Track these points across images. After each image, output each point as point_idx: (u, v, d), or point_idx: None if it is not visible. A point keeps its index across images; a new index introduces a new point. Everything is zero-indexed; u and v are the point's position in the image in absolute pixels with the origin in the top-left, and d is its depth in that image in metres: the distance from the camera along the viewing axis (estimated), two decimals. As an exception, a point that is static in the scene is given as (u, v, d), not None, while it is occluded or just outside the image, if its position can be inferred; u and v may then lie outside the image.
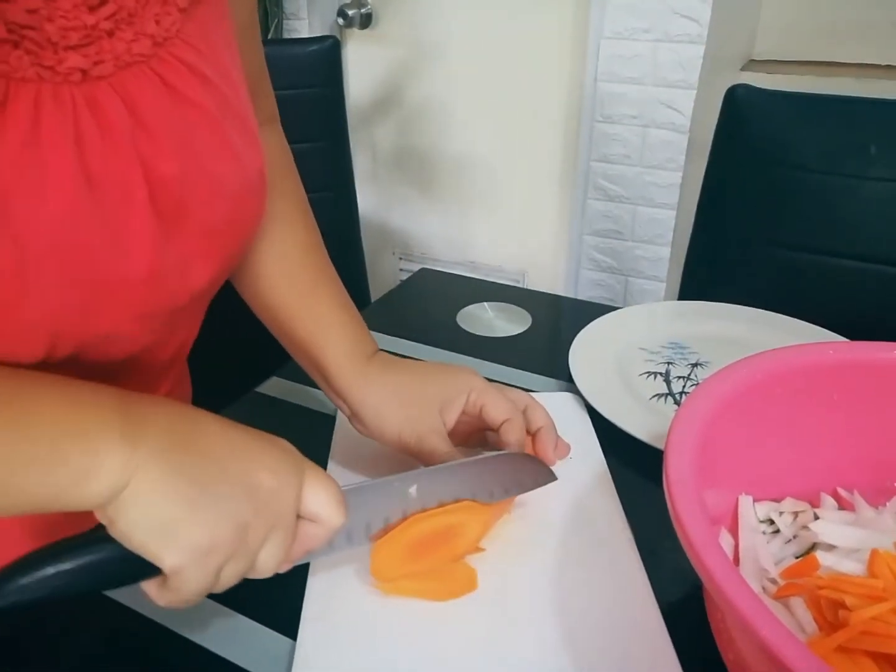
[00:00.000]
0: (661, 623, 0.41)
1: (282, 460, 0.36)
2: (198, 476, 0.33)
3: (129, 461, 0.31)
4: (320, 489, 0.37)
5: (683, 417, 0.40)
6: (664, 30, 1.38)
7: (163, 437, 0.33)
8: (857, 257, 0.90)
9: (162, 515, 0.32)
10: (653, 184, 1.52)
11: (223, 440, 0.35)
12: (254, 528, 0.34)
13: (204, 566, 0.33)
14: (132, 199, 0.37)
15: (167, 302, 0.42)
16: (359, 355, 0.52)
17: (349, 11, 1.65)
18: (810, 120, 0.90)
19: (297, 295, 0.53)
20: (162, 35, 0.37)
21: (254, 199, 0.45)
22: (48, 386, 0.33)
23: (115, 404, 0.33)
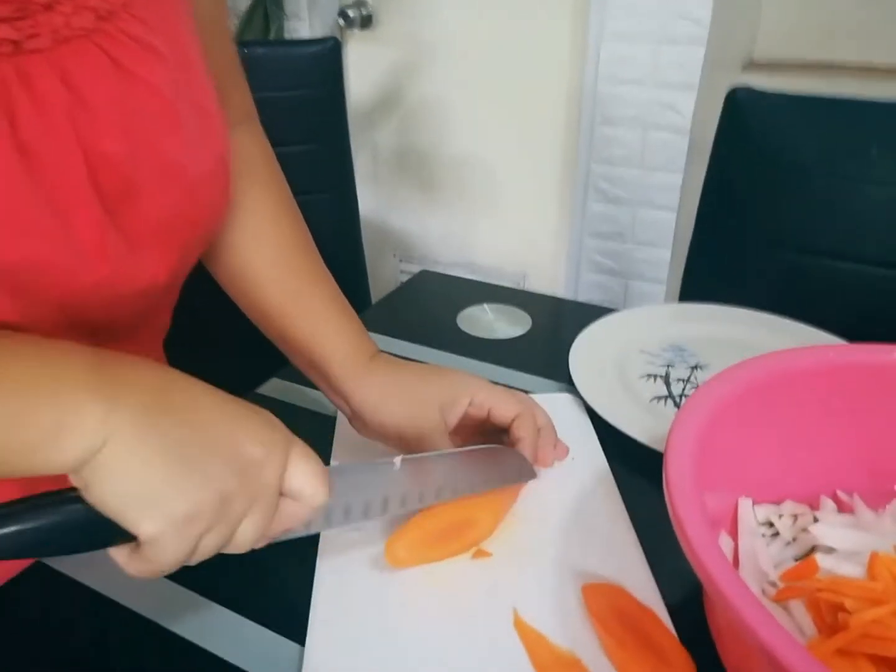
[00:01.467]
0: (668, 621, 0.41)
1: (269, 432, 0.35)
2: (180, 440, 0.31)
3: (105, 421, 0.30)
4: (305, 466, 0.36)
5: (683, 420, 0.40)
6: (665, 31, 1.38)
7: (143, 396, 0.31)
8: (858, 259, 0.90)
9: (140, 481, 0.30)
10: (653, 186, 1.52)
11: (209, 405, 0.34)
12: (236, 500, 0.32)
13: (182, 536, 0.31)
14: (71, 175, 0.36)
15: (121, 287, 0.41)
16: (360, 355, 0.52)
17: (350, 12, 1.65)
18: (811, 121, 0.90)
19: (290, 295, 0.52)
20: (106, 8, 0.36)
21: (212, 186, 0.44)
22: (20, 343, 0.32)
23: (90, 362, 0.31)
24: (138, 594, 0.44)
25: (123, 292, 0.42)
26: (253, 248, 0.51)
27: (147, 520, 0.30)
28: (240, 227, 0.51)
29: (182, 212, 0.42)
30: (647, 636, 0.40)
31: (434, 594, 0.44)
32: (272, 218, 0.53)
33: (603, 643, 0.40)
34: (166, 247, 0.43)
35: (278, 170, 0.55)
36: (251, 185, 0.51)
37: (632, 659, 0.39)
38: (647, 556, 0.46)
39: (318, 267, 0.54)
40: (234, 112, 0.51)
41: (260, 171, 0.53)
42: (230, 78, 0.52)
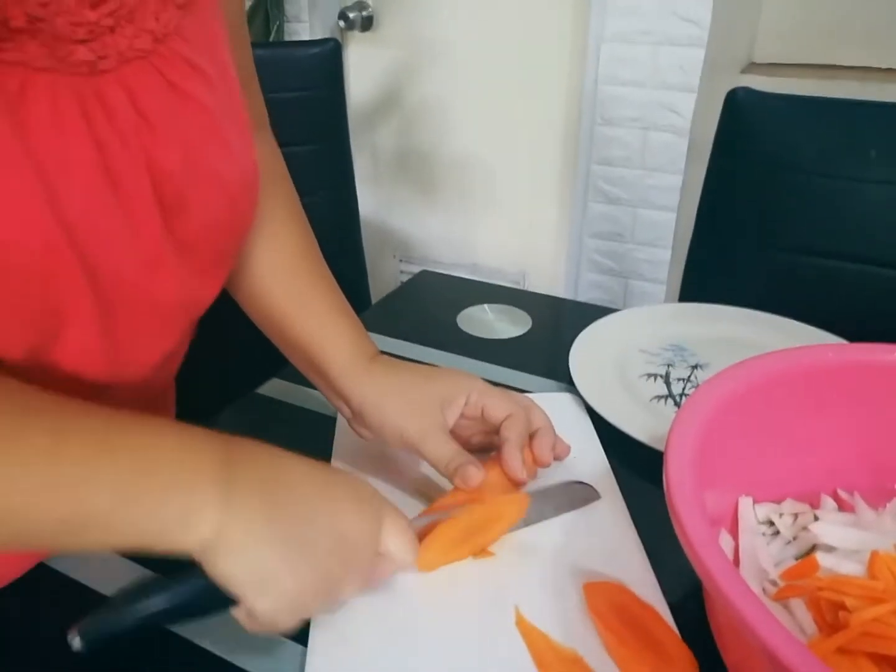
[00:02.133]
0: (670, 619, 0.41)
1: (364, 508, 0.39)
2: (289, 526, 0.35)
3: (229, 510, 0.33)
4: (396, 533, 0.39)
5: (683, 419, 0.40)
6: (665, 32, 1.38)
7: (258, 484, 0.35)
8: (858, 260, 0.90)
9: (258, 565, 0.34)
10: (653, 186, 1.53)
11: (312, 488, 0.37)
12: (338, 575, 0.37)
13: (292, 610, 0.36)
14: (140, 189, 0.38)
15: (181, 295, 0.43)
16: (360, 356, 0.52)
17: (350, 14, 1.65)
18: (811, 123, 0.90)
19: (293, 298, 0.53)
20: (161, 31, 0.38)
21: (249, 197, 0.46)
22: (145, 426, 0.34)
23: (211, 448, 0.35)
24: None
25: (177, 307, 0.44)
26: (258, 252, 0.53)
27: (261, 598, 0.34)
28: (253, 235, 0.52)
29: (224, 222, 0.44)
30: (648, 634, 0.40)
31: (436, 594, 0.44)
32: (280, 224, 0.54)
33: (605, 641, 0.40)
34: (206, 258, 0.44)
35: (287, 175, 0.57)
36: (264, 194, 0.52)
37: (633, 657, 0.39)
38: (648, 554, 0.46)
39: (322, 270, 0.55)
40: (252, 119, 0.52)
41: (270, 178, 0.54)
42: (248, 85, 0.53)
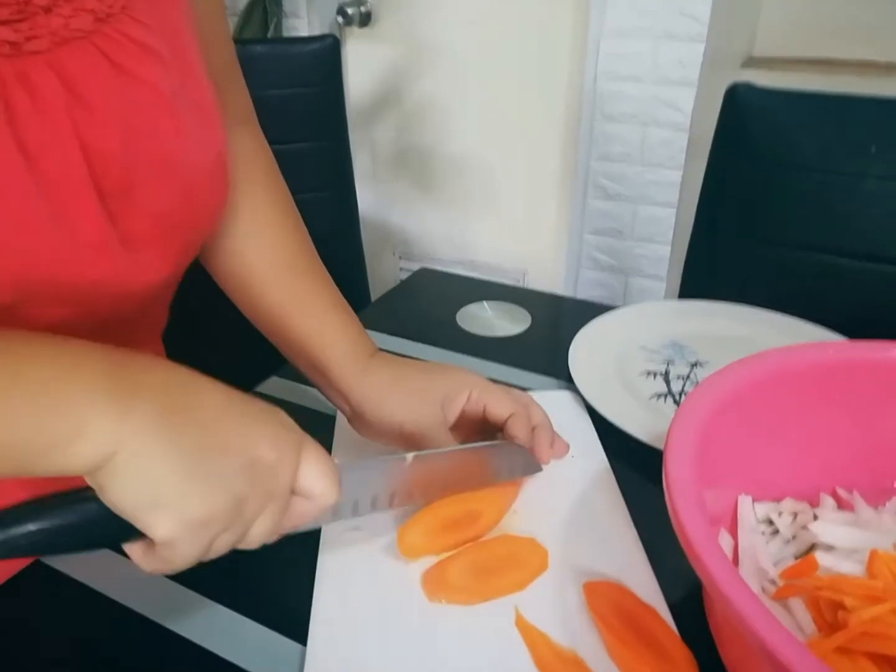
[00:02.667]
0: (669, 619, 0.41)
1: (282, 433, 0.35)
2: (195, 445, 0.32)
3: (119, 427, 0.30)
4: (316, 466, 0.36)
5: (683, 417, 0.40)
6: (664, 28, 1.38)
7: (157, 401, 0.31)
8: (858, 256, 0.90)
9: (155, 485, 0.31)
10: (653, 182, 1.52)
11: (223, 408, 0.34)
12: (250, 502, 0.33)
13: (197, 538, 0.32)
14: (72, 173, 0.36)
15: (120, 284, 0.41)
16: (359, 353, 0.52)
17: (349, 10, 1.65)
18: (811, 118, 0.90)
19: (289, 296, 0.52)
20: (104, 11, 0.37)
21: (211, 184, 0.44)
22: (37, 345, 0.32)
23: (105, 366, 0.31)
24: (139, 593, 0.44)
25: (122, 290, 0.42)
26: (252, 251, 0.52)
27: (161, 524, 0.31)
28: (240, 229, 0.51)
29: (179, 210, 0.42)
30: (648, 634, 0.40)
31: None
32: (272, 220, 0.53)
33: (605, 641, 0.40)
34: (163, 245, 0.43)
35: (277, 171, 0.55)
36: (251, 187, 0.52)
37: (634, 657, 0.39)
38: (648, 553, 0.46)
39: (317, 267, 0.54)
40: (233, 113, 0.51)
41: (259, 173, 0.53)
42: (228, 79, 0.52)
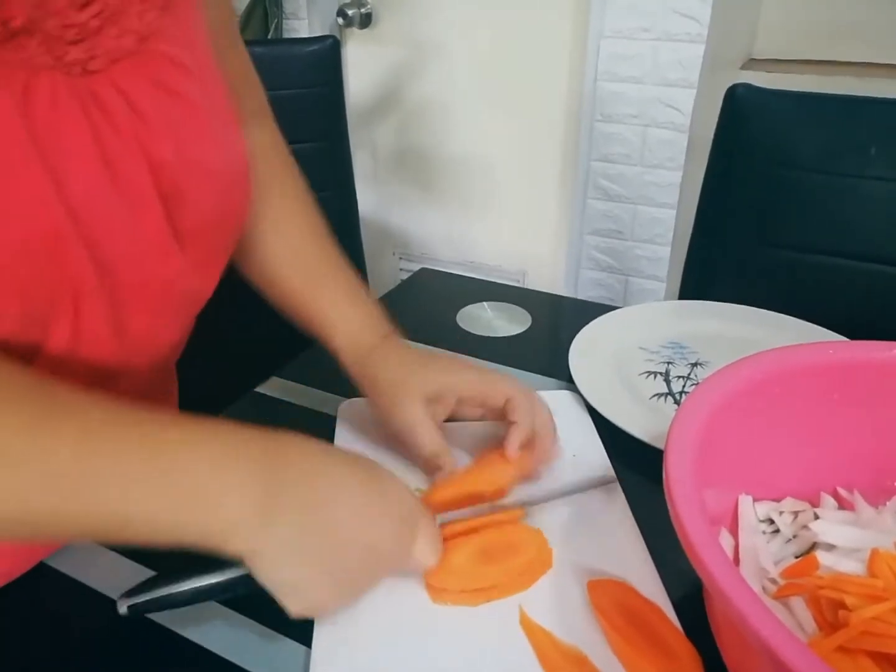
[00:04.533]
0: (673, 616, 0.41)
1: (400, 521, 0.40)
2: (326, 547, 0.37)
3: (263, 534, 0.35)
4: (426, 543, 0.41)
5: (683, 417, 0.40)
6: (664, 29, 1.38)
7: (297, 506, 0.36)
8: (857, 256, 0.90)
9: (292, 577, 0.37)
10: (653, 183, 1.52)
11: (351, 504, 0.38)
12: (366, 584, 0.40)
13: (320, 611, 0.40)
14: (139, 178, 0.39)
15: (183, 286, 0.44)
16: (360, 347, 0.54)
17: (349, 11, 1.65)
18: (810, 119, 0.90)
19: (302, 284, 0.55)
20: (145, 31, 0.39)
21: (240, 189, 0.47)
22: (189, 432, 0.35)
23: (253, 466, 0.35)
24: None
25: (179, 298, 0.45)
26: (273, 240, 0.55)
27: (294, 604, 0.37)
28: (261, 219, 0.54)
29: (216, 213, 0.45)
30: (652, 631, 0.40)
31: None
32: (290, 211, 0.56)
33: (609, 639, 0.40)
34: (206, 249, 0.45)
35: (292, 163, 0.58)
36: (271, 179, 0.54)
37: (638, 654, 0.39)
38: (650, 552, 0.46)
39: (331, 253, 0.57)
40: (249, 109, 0.53)
41: (277, 165, 0.56)
42: (243, 76, 0.55)
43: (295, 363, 0.71)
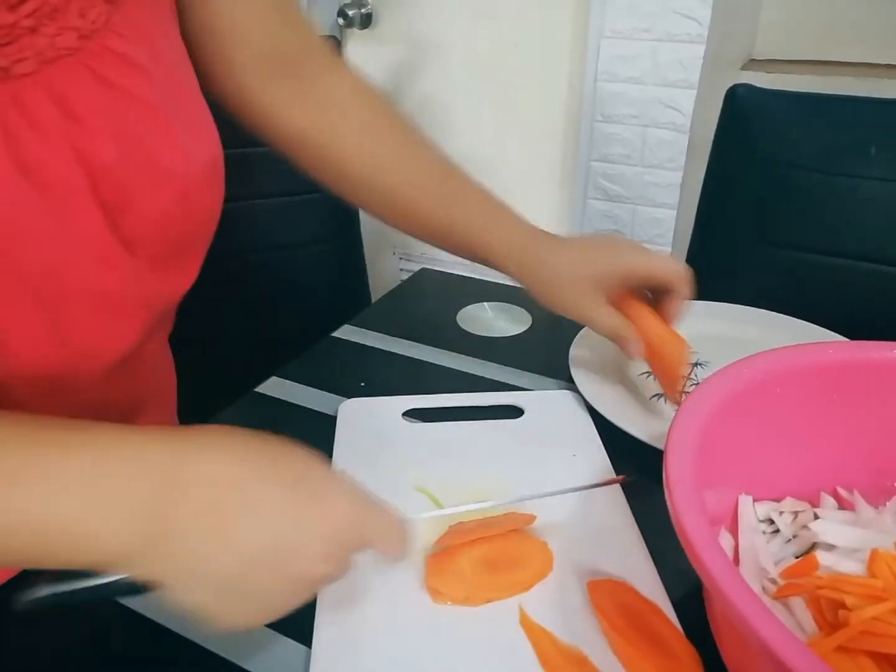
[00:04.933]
0: (673, 616, 0.41)
1: (338, 538, 0.35)
2: (233, 573, 0.33)
3: (153, 566, 0.33)
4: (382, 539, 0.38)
5: (683, 417, 0.40)
6: (664, 29, 1.38)
7: (192, 535, 0.33)
8: (858, 257, 0.90)
9: (197, 601, 0.33)
10: (653, 183, 1.52)
11: (270, 521, 0.34)
12: (298, 602, 0.35)
13: (247, 627, 0.35)
14: (72, 187, 0.37)
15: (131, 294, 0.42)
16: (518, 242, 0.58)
17: (349, 11, 1.65)
18: (811, 119, 0.90)
19: (438, 205, 0.58)
20: (88, 27, 0.37)
21: (205, 189, 0.45)
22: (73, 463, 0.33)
23: (140, 501, 0.33)
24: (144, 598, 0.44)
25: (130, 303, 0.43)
26: (400, 170, 0.58)
27: (210, 626, 0.34)
28: (378, 155, 0.57)
29: (175, 216, 0.43)
30: (652, 631, 0.40)
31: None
32: (405, 142, 0.59)
33: (609, 639, 0.40)
34: (165, 249, 0.44)
35: (379, 96, 0.60)
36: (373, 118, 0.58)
37: (638, 654, 0.39)
38: (650, 552, 0.46)
39: (453, 167, 0.60)
40: (324, 57, 0.56)
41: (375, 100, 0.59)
42: (309, 28, 0.56)
43: (295, 363, 0.71)
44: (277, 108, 0.55)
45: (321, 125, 0.56)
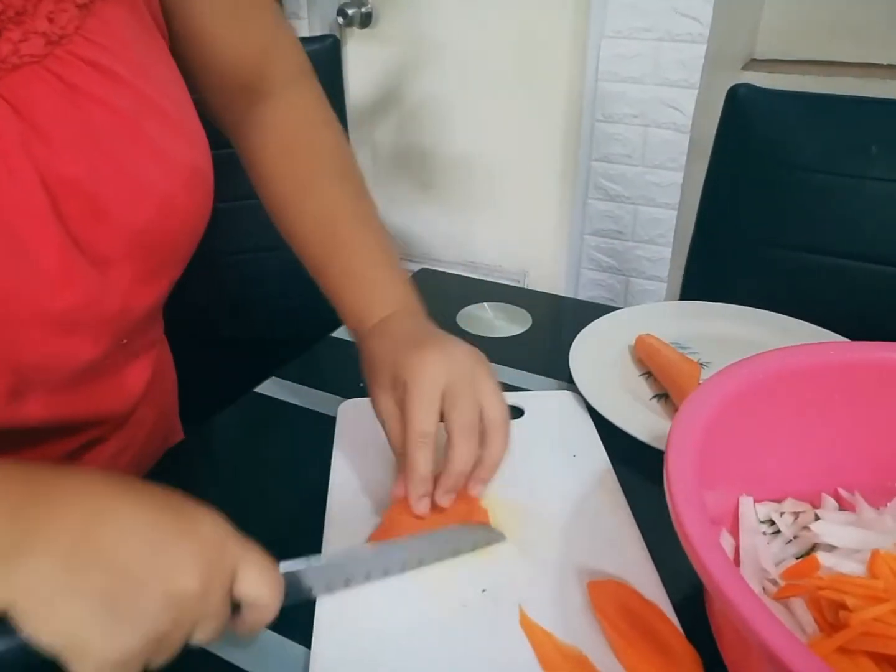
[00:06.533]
0: (673, 617, 0.41)
1: (206, 557, 0.33)
2: (101, 590, 0.30)
3: (11, 582, 0.29)
4: (255, 576, 0.34)
5: (684, 418, 0.40)
6: (665, 29, 1.38)
7: (55, 551, 0.30)
8: (858, 257, 0.90)
9: (64, 633, 0.29)
10: (654, 183, 1.52)
11: (139, 539, 0.32)
12: (174, 633, 0.32)
13: (125, 669, 0.31)
14: (29, 204, 0.35)
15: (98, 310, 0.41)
16: (365, 321, 0.52)
17: (349, 10, 1.65)
18: (812, 119, 0.90)
19: (322, 251, 0.53)
20: (57, 33, 0.35)
21: (186, 198, 0.44)
22: None
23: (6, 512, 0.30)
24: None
25: (101, 316, 0.41)
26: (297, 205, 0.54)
27: (80, 666, 0.30)
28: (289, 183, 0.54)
29: (155, 226, 0.42)
30: (652, 632, 0.40)
31: (439, 593, 0.44)
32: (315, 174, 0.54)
33: (609, 639, 0.40)
34: (142, 263, 0.42)
35: (325, 121, 0.57)
36: (297, 145, 0.54)
37: (638, 655, 0.39)
38: (650, 552, 0.46)
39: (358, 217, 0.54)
40: (280, 76, 0.53)
41: (306, 129, 0.55)
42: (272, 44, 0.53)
43: (295, 363, 0.71)
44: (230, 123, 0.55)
45: (253, 143, 0.55)
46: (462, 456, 0.43)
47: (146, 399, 0.54)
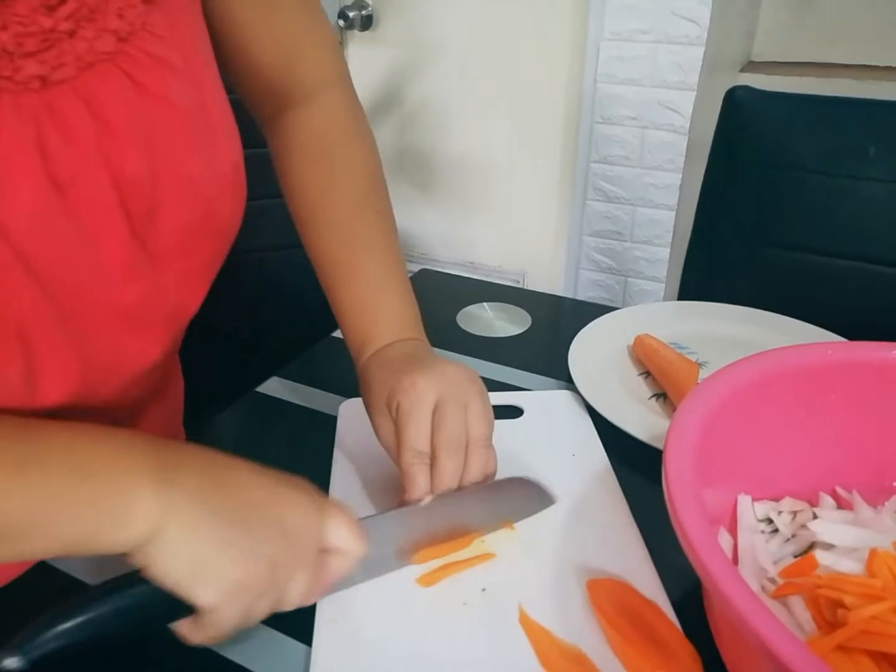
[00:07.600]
0: (673, 616, 0.41)
1: (304, 499, 0.38)
2: (232, 518, 0.35)
3: (166, 505, 0.33)
4: (340, 524, 0.38)
5: (682, 417, 0.40)
6: (664, 31, 1.38)
7: (197, 479, 0.35)
8: (856, 258, 0.90)
9: (198, 556, 0.33)
10: (652, 185, 1.53)
11: (252, 482, 0.37)
12: (282, 565, 0.36)
13: (237, 603, 0.34)
14: (101, 202, 0.36)
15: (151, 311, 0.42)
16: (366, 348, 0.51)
17: (350, 13, 1.65)
18: (809, 121, 0.90)
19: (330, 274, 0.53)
20: (126, 30, 0.36)
21: (229, 196, 0.44)
22: (79, 433, 0.34)
23: (147, 450, 0.34)
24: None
25: (155, 316, 0.43)
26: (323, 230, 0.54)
27: (205, 591, 0.33)
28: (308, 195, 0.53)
29: (201, 224, 0.42)
30: (651, 630, 0.40)
31: (439, 592, 0.44)
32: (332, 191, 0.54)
33: (608, 638, 0.40)
34: (189, 261, 0.43)
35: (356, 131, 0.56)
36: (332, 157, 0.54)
37: (637, 653, 0.39)
38: (649, 551, 0.46)
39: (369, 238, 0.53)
40: (310, 80, 0.52)
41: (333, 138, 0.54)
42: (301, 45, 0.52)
43: (295, 363, 0.71)
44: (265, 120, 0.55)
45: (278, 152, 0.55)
46: (446, 472, 0.44)
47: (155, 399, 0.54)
